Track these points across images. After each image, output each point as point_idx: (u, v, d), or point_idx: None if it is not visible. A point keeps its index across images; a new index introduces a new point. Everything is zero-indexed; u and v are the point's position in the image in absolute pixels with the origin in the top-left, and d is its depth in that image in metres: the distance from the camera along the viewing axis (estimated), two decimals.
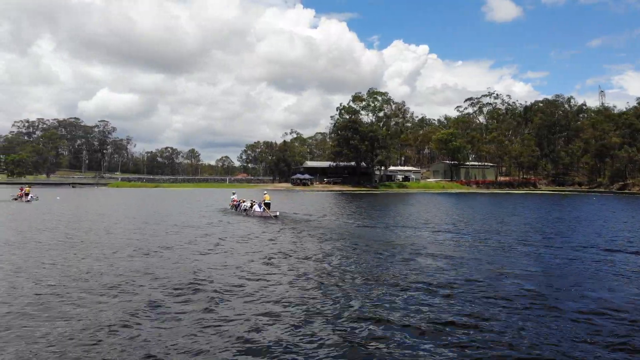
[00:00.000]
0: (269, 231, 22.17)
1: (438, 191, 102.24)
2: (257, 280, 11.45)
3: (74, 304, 9.18)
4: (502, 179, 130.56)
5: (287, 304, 9.38)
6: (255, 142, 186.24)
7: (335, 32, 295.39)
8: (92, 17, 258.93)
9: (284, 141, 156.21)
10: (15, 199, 47.39)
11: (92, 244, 17.35)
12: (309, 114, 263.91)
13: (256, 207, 30.46)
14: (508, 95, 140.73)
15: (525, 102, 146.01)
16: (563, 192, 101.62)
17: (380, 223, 26.74)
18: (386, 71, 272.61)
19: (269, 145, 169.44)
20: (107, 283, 10.97)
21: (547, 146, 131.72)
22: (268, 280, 11.41)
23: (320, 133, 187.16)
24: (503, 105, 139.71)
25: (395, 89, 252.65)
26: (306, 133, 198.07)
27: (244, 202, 33.61)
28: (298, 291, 10.40)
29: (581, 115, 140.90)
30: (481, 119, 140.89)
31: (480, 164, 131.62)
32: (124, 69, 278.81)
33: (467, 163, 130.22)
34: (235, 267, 13.16)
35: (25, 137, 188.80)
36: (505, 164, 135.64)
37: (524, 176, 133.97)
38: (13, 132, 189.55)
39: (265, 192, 32.71)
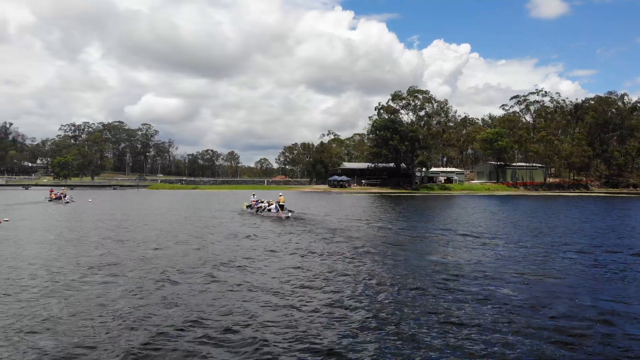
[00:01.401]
0: (297, 241, 19.82)
1: (484, 193, 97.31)
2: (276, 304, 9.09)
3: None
4: (551, 180, 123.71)
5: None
6: (292, 144, 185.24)
7: (374, 33, 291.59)
8: (138, 24, 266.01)
9: (321, 142, 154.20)
10: (50, 200, 48.56)
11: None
12: (347, 115, 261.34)
13: (272, 208, 31.92)
14: (557, 93, 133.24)
15: (576, 99, 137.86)
16: (620, 195, 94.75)
17: (430, 232, 23.90)
18: (426, 71, 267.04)
19: (306, 146, 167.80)
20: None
21: (599, 146, 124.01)
22: (291, 308, 8.99)
23: (358, 134, 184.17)
24: (552, 103, 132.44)
25: (436, 89, 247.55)
26: (344, 135, 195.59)
27: (262, 202, 34.76)
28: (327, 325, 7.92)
29: (635, 113, 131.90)
30: (528, 117, 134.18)
31: (527, 164, 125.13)
32: (168, 74, 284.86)
33: (514, 164, 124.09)
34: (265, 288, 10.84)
35: (72, 140, 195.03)
36: (555, 165, 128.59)
37: (575, 177, 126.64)
38: (60, 135, 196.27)
39: (281, 194, 33.76)
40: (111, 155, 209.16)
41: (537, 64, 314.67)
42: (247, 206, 36.52)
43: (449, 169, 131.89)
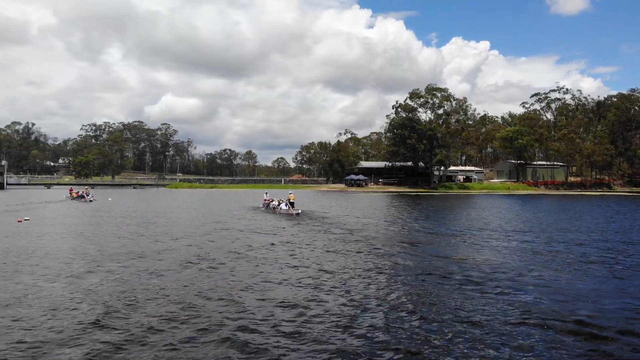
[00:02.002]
0: (315, 238, 19.77)
1: (504, 193, 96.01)
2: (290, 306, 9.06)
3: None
4: (572, 179, 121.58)
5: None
6: (309, 143, 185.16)
7: (392, 31, 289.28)
8: (158, 25, 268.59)
9: (338, 141, 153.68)
10: (74, 199, 49.75)
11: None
12: (364, 114, 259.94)
13: (282, 206, 33.64)
14: (579, 90, 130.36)
15: (598, 96, 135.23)
16: None
17: (452, 231, 23.62)
18: (445, 69, 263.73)
19: (323, 146, 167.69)
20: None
21: (622, 144, 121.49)
22: (306, 309, 8.94)
23: (375, 133, 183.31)
24: (573, 100, 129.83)
25: (455, 87, 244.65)
26: (362, 134, 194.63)
27: (272, 201, 37.29)
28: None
29: None
30: (549, 115, 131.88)
31: (548, 163, 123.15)
32: (187, 74, 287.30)
33: (534, 162, 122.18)
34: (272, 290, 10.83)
35: (93, 140, 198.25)
36: (577, 164, 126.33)
37: (597, 176, 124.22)
38: (81, 135, 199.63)
39: (291, 192, 36.44)
40: (131, 154, 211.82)
41: (559, 61, 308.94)
42: (264, 204, 39.05)
43: (467, 168, 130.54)
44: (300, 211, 32.25)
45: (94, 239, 19.39)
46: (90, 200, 48.86)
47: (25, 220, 26.58)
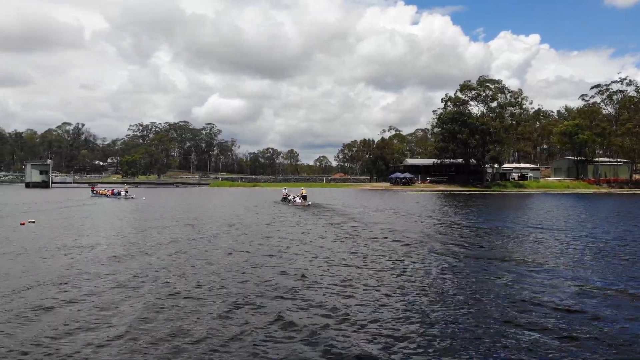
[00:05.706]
0: (360, 237, 16.39)
1: (565, 192, 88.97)
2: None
3: None
4: (637, 177, 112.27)
5: None
6: (352, 141, 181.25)
7: (438, 27, 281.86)
8: (204, 29, 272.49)
9: (382, 138, 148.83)
10: (107, 197, 49.90)
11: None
12: (408, 112, 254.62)
13: (297, 199, 39.68)
14: None
15: None
16: None
17: (521, 237, 19.61)
18: (493, 64, 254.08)
19: (366, 143, 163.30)
20: None
21: None
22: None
23: (420, 129, 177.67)
24: (637, 92, 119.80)
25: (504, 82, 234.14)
26: (405, 131, 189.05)
27: (289, 195, 42.97)
28: None
29: None
30: (609, 109, 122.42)
31: (611, 160, 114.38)
32: (232, 75, 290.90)
33: (596, 159, 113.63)
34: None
35: (140, 140, 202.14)
36: None
37: None
38: (129, 135, 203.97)
39: (303, 188, 43.47)
40: (177, 154, 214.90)
41: (613, 54, 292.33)
42: (283, 198, 44.38)
43: (522, 165, 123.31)
44: (310, 203, 38.43)
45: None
46: (132, 197, 50.42)
47: (30, 222, 24.03)
